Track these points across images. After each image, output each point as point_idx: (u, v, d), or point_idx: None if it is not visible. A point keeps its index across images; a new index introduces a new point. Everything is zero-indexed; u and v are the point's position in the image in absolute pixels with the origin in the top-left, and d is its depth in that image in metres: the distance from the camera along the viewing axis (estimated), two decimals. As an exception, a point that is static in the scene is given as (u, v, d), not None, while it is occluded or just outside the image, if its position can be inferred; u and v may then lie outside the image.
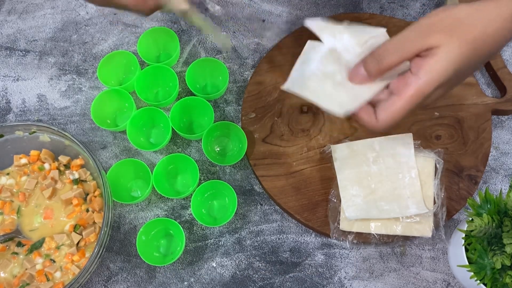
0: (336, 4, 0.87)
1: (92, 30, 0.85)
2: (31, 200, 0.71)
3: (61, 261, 0.68)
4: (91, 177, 0.72)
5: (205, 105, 0.76)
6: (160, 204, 0.75)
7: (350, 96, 0.54)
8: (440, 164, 0.70)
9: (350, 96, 0.54)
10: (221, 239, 0.73)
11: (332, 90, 0.55)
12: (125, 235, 0.73)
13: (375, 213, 0.68)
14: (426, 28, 0.49)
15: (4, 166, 0.73)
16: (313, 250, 0.72)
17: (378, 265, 0.71)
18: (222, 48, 0.74)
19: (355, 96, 0.54)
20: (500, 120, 0.79)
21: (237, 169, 0.76)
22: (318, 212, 0.72)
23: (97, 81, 0.81)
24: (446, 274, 0.71)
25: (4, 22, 0.85)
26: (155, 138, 0.78)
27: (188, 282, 0.71)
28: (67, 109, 0.80)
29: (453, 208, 0.71)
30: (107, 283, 0.71)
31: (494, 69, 0.79)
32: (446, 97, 0.77)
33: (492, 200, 0.60)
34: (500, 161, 0.77)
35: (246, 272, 0.71)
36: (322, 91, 0.56)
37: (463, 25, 0.49)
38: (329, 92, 0.55)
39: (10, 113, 0.80)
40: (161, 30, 0.80)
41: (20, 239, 0.69)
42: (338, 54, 0.56)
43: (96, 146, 0.78)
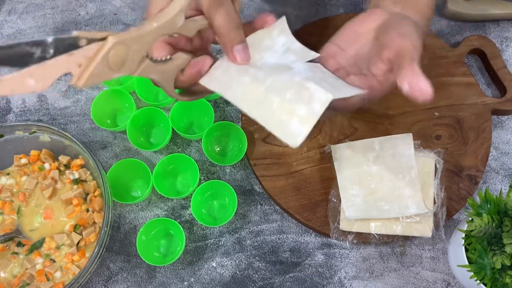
0: (336, 4, 0.87)
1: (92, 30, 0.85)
2: (31, 200, 0.71)
3: (61, 261, 0.68)
4: (91, 177, 0.72)
5: (205, 105, 0.76)
6: (160, 204, 0.75)
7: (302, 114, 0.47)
8: (440, 164, 0.70)
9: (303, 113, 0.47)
10: (221, 239, 0.73)
11: (266, 99, 0.49)
12: (125, 235, 0.73)
13: (375, 213, 0.68)
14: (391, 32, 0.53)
15: (4, 166, 0.73)
16: (313, 250, 0.72)
17: (378, 265, 0.71)
18: None
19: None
20: (500, 120, 0.79)
21: (237, 169, 0.76)
22: (318, 212, 0.72)
23: (97, 81, 0.81)
24: (446, 274, 0.71)
25: (4, 22, 0.86)
26: (155, 138, 0.78)
27: (188, 282, 0.71)
28: (67, 109, 0.80)
29: (453, 208, 0.71)
30: (107, 283, 0.71)
31: (494, 69, 0.79)
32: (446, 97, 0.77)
33: (492, 200, 0.60)
34: (500, 161, 0.77)
35: (246, 272, 0.71)
36: (252, 98, 0.50)
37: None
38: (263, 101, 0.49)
39: (10, 113, 0.80)
40: (161, 30, 0.80)
41: (20, 239, 0.69)
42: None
43: (96, 146, 0.78)
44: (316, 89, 0.47)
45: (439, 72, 0.78)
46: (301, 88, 0.47)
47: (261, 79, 0.49)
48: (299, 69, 0.51)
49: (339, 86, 0.52)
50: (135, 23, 0.86)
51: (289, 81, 0.48)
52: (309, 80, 0.48)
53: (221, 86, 0.51)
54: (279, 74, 0.49)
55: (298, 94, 0.47)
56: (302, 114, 0.47)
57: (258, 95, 0.49)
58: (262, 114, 0.48)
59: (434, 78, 0.79)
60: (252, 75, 0.50)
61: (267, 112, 0.48)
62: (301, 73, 0.50)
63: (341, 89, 0.51)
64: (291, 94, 0.47)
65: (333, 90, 0.48)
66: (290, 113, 0.47)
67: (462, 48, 0.80)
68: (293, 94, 0.47)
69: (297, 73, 0.49)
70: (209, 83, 0.52)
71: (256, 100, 0.49)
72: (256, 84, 0.49)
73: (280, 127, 0.47)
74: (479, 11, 0.83)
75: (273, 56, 0.54)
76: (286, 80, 0.49)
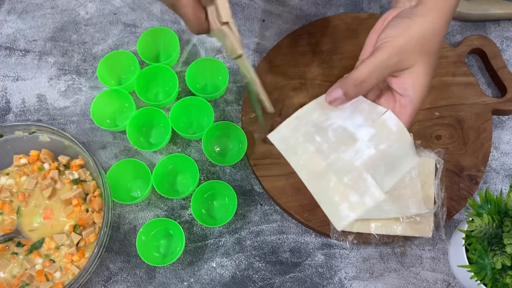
0: (336, 4, 0.86)
1: (92, 30, 0.85)
2: (31, 200, 0.71)
3: (61, 261, 0.68)
4: (90, 177, 0.72)
5: (205, 105, 0.75)
6: (160, 204, 0.74)
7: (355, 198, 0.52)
8: (441, 164, 0.70)
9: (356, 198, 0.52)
10: (221, 239, 0.73)
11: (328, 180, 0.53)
12: (125, 235, 0.73)
13: (375, 213, 0.68)
14: (400, 54, 0.53)
15: (4, 166, 0.73)
16: (313, 250, 0.72)
17: (378, 265, 0.71)
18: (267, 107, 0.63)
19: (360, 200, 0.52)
20: (501, 120, 0.79)
21: (237, 169, 0.76)
22: (318, 212, 0.71)
23: (97, 81, 0.81)
24: (446, 274, 0.71)
25: (3, 22, 0.85)
26: (155, 138, 0.78)
27: (188, 283, 0.71)
28: (67, 109, 0.80)
29: (454, 208, 0.71)
30: (107, 283, 0.71)
31: (495, 69, 0.79)
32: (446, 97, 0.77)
33: (493, 200, 0.60)
34: (501, 161, 0.77)
35: (246, 272, 0.71)
36: (314, 174, 0.54)
37: (428, 42, 0.54)
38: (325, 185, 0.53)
39: (9, 113, 0.80)
40: (161, 30, 0.80)
41: (19, 239, 0.69)
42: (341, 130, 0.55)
43: (96, 146, 0.78)
44: (372, 184, 0.51)
45: (440, 72, 0.78)
46: (359, 177, 0.52)
47: (325, 153, 0.53)
48: (362, 141, 0.54)
49: (397, 165, 0.55)
50: (135, 23, 0.85)
51: (350, 165, 0.52)
52: (368, 169, 0.52)
53: (287, 149, 0.56)
54: (343, 150, 0.53)
55: (355, 182, 0.51)
56: (354, 201, 0.51)
57: (319, 169, 0.53)
58: (317, 188, 0.53)
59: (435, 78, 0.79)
60: (317, 145, 0.54)
61: (323, 188, 0.52)
62: (364, 150, 0.53)
63: (398, 170, 0.55)
64: (349, 179, 0.52)
65: (388, 177, 0.53)
66: (343, 197, 0.51)
67: (463, 48, 0.80)
68: (350, 180, 0.51)
69: (359, 151, 0.53)
70: (276, 141, 0.57)
71: (316, 173, 0.53)
72: (320, 157, 0.53)
73: (331, 206, 0.52)
74: (480, 11, 0.82)
75: (340, 116, 0.56)
76: (348, 162, 0.52)
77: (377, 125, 0.55)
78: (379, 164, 0.53)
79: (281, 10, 0.86)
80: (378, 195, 0.51)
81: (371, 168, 0.52)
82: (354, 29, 0.81)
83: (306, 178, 0.54)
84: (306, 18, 0.85)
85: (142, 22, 0.86)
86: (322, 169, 0.53)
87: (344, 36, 0.81)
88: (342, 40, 0.81)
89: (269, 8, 0.86)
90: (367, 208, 0.51)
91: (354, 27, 0.81)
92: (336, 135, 0.54)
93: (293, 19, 0.85)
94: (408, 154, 0.56)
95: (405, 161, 0.55)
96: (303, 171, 0.54)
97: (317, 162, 0.53)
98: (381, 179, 0.53)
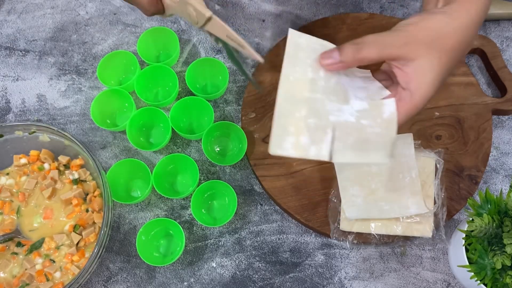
0: (336, 4, 0.86)
1: (92, 30, 0.85)
2: (31, 200, 0.71)
3: (61, 261, 0.68)
4: (90, 177, 0.72)
5: (205, 105, 0.75)
6: (160, 204, 0.74)
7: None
8: (441, 164, 0.70)
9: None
10: (221, 239, 0.73)
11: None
12: (125, 235, 0.73)
13: (375, 213, 0.68)
14: (408, 38, 0.51)
15: (4, 166, 0.73)
16: (313, 250, 0.72)
17: (378, 265, 0.71)
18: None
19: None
20: (501, 120, 0.79)
21: (237, 169, 0.76)
22: (318, 212, 0.72)
23: (97, 81, 0.81)
24: (446, 274, 0.71)
25: (4, 22, 0.85)
26: (155, 138, 0.78)
27: (188, 282, 0.71)
28: (67, 109, 0.80)
29: (454, 208, 0.71)
30: (107, 283, 0.71)
31: (495, 69, 0.79)
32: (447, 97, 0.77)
33: (493, 200, 0.60)
34: (501, 161, 0.77)
35: (246, 272, 0.71)
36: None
37: (441, 37, 0.51)
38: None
39: (9, 113, 0.80)
40: (161, 30, 0.80)
41: (19, 239, 0.69)
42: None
43: (96, 146, 0.78)
44: (327, 141, 0.51)
45: (439, 72, 0.78)
46: (323, 128, 0.51)
47: (316, 88, 0.52)
48: (351, 107, 0.53)
49: (367, 148, 0.53)
50: (135, 23, 0.85)
51: (325, 114, 0.51)
52: (336, 130, 0.51)
53: (292, 54, 0.54)
54: (331, 99, 0.52)
55: (316, 130, 0.51)
56: (302, 142, 0.50)
57: (299, 96, 0.52)
58: (284, 108, 0.51)
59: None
60: (316, 77, 0.53)
61: (288, 112, 0.51)
62: (345, 113, 0.52)
63: (364, 154, 0.53)
64: (313, 123, 0.51)
65: (351, 152, 0.52)
66: (297, 132, 0.50)
67: (463, 48, 0.80)
68: (314, 124, 0.51)
69: (342, 111, 0.52)
70: (291, 41, 0.54)
71: (293, 97, 0.51)
72: (309, 87, 0.52)
73: (282, 130, 0.50)
74: (480, 11, 0.82)
75: (350, 83, 0.55)
76: (326, 110, 0.51)
77: (373, 104, 0.53)
78: (350, 133, 0.52)
79: (281, 10, 0.86)
80: (325, 153, 0.50)
81: (341, 132, 0.51)
82: (354, 29, 0.81)
83: (282, 93, 0.51)
84: (306, 18, 0.85)
85: (142, 22, 0.86)
86: (301, 97, 0.52)
87: (344, 36, 0.81)
88: (342, 40, 0.80)
89: (269, 8, 0.86)
90: (307, 156, 0.50)
91: (354, 27, 0.81)
92: (336, 85, 0.53)
93: (293, 19, 0.85)
94: (383, 148, 0.53)
95: (376, 152, 0.53)
96: (285, 85, 0.52)
97: (302, 90, 0.52)
98: (343, 148, 0.51)
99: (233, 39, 0.56)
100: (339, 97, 0.53)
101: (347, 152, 0.51)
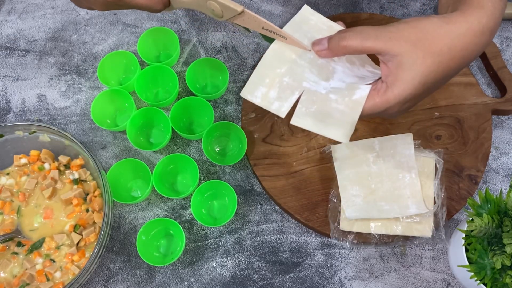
0: (336, 4, 0.86)
1: (92, 30, 0.85)
2: (31, 200, 0.71)
3: (61, 261, 0.68)
4: (91, 177, 0.72)
5: (205, 105, 0.76)
6: (160, 204, 0.75)
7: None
8: (440, 164, 0.70)
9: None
10: (221, 239, 0.73)
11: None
12: (125, 235, 0.73)
13: (375, 213, 0.68)
14: (393, 34, 0.50)
15: (4, 166, 0.73)
16: (313, 250, 0.72)
17: (378, 265, 0.71)
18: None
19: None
20: (500, 120, 0.79)
21: (237, 169, 0.76)
22: (318, 212, 0.72)
23: (97, 81, 0.81)
24: (446, 274, 0.71)
25: (4, 22, 0.85)
26: (155, 138, 0.78)
27: (188, 282, 0.71)
28: (67, 109, 0.80)
29: (453, 208, 0.71)
30: (107, 283, 0.71)
31: (494, 69, 0.79)
32: (447, 97, 0.77)
33: (492, 200, 0.60)
34: (500, 161, 0.77)
35: (246, 272, 0.71)
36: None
37: (429, 37, 0.49)
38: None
39: (10, 113, 0.80)
40: (161, 30, 0.80)
41: (20, 239, 0.69)
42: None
43: (96, 146, 0.78)
44: (289, 102, 0.55)
45: (439, 72, 0.78)
46: (292, 89, 0.55)
47: (303, 55, 0.56)
48: (327, 82, 0.55)
49: (326, 122, 0.55)
50: (135, 23, 0.85)
51: (301, 79, 0.55)
52: (304, 95, 0.55)
53: (296, 23, 0.58)
54: (313, 69, 0.55)
55: (286, 88, 0.55)
56: (269, 95, 0.55)
57: (284, 57, 0.56)
58: (268, 64, 0.56)
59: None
60: (308, 44, 0.56)
61: (270, 67, 0.56)
62: (319, 85, 0.55)
63: (322, 126, 0.55)
64: (287, 83, 0.55)
65: (310, 119, 0.54)
66: (269, 85, 0.55)
67: (462, 48, 0.80)
68: (286, 83, 0.55)
69: (317, 83, 0.55)
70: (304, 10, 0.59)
71: (278, 56, 0.56)
72: (296, 52, 0.56)
73: (257, 78, 0.56)
74: (479, 11, 0.82)
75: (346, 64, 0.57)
76: (303, 76, 0.55)
77: (349, 85, 0.54)
78: (315, 102, 0.54)
79: (281, 10, 0.86)
80: (284, 110, 0.54)
81: (307, 97, 0.54)
82: (354, 29, 0.81)
83: (273, 51, 0.56)
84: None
85: (142, 22, 0.86)
86: (287, 58, 0.56)
87: (344, 36, 0.81)
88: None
89: (269, 8, 0.86)
90: (267, 108, 0.55)
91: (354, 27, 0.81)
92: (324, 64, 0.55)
93: (293, 19, 0.85)
94: (343, 127, 0.54)
95: (335, 129, 0.54)
96: (277, 45, 0.56)
97: (289, 53, 0.56)
98: (305, 114, 0.54)
99: (272, 30, 0.56)
100: (321, 73, 0.55)
101: (307, 119, 0.53)
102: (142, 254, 0.68)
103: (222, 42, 0.84)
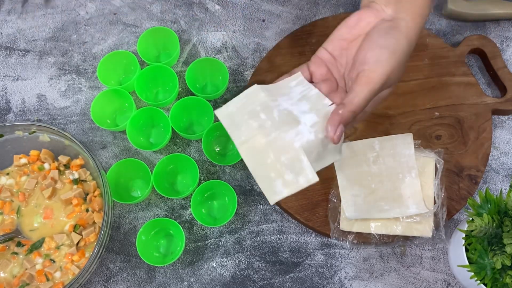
0: (336, 4, 0.86)
1: (92, 30, 0.85)
2: (31, 200, 0.71)
3: (61, 261, 0.68)
4: (91, 177, 0.72)
5: (205, 105, 0.75)
6: (160, 204, 0.74)
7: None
8: (440, 164, 0.70)
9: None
10: (221, 239, 0.73)
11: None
12: (125, 235, 0.73)
13: (375, 213, 0.68)
14: (389, 74, 0.52)
15: (4, 166, 0.73)
16: (313, 250, 0.72)
17: (378, 265, 0.71)
18: None
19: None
20: (500, 120, 0.79)
21: (237, 169, 0.76)
22: (318, 212, 0.72)
23: (97, 81, 0.81)
24: (446, 274, 0.71)
25: (4, 22, 0.85)
26: (155, 138, 0.78)
27: (188, 282, 0.71)
28: (67, 109, 0.80)
29: (453, 208, 0.71)
30: (107, 283, 0.71)
31: (494, 69, 0.79)
32: (446, 97, 0.77)
33: (493, 200, 0.60)
34: (500, 161, 0.77)
35: (246, 272, 0.71)
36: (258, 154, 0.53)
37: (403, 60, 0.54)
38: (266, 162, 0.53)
39: (10, 113, 0.80)
40: (161, 30, 0.80)
41: (20, 239, 0.69)
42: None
43: (96, 146, 0.78)
44: (307, 166, 0.52)
45: (439, 72, 0.78)
46: (296, 158, 0.52)
47: (267, 130, 0.53)
48: (305, 125, 0.54)
49: (325, 155, 0.55)
50: (135, 23, 0.85)
51: (290, 145, 0.52)
52: (305, 152, 0.53)
53: (231, 124, 0.55)
54: (285, 130, 0.53)
55: (291, 162, 0.52)
56: (288, 179, 0.52)
57: (259, 145, 0.53)
58: (255, 163, 0.53)
59: (434, 78, 0.79)
60: (261, 122, 0.54)
61: (260, 164, 0.53)
62: (304, 134, 0.53)
63: (324, 160, 0.56)
64: (286, 159, 0.52)
65: (315, 164, 0.54)
66: (279, 174, 0.52)
67: (462, 48, 0.80)
68: (287, 160, 0.52)
69: (300, 133, 0.53)
70: (222, 117, 0.56)
71: (256, 149, 0.53)
72: (261, 133, 0.53)
73: (266, 181, 0.53)
74: (479, 11, 0.82)
75: (288, 101, 0.56)
76: (288, 142, 0.53)
77: (321, 114, 0.54)
78: (312, 151, 0.54)
79: (281, 10, 0.86)
80: (312, 177, 0.52)
81: (307, 152, 0.53)
82: (354, 29, 0.81)
83: (245, 153, 0.53)
84: (306, 18, 0.85)
85: (142, 22, 0.86)
86: (261, 146, 0.53)
87: (344, 36, 0.81)
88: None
89: (269, 8, 0.86)
90: (300, 187, 0.52)
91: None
92: (281, 116, 0.54)
93: (293, 19, 0.85)
94: (336, 150, 0.56)
95: (331, 156, 0.56)
96: (243, 146, 0.54)
97: (258, 139, 0.54)
98: (318, 159, 0.55)
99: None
100: (290, 123, 0.54)
101: (314, 166, 0.53)
102: (142, 254, 0.68)
103: (222, 42, 0.84)
